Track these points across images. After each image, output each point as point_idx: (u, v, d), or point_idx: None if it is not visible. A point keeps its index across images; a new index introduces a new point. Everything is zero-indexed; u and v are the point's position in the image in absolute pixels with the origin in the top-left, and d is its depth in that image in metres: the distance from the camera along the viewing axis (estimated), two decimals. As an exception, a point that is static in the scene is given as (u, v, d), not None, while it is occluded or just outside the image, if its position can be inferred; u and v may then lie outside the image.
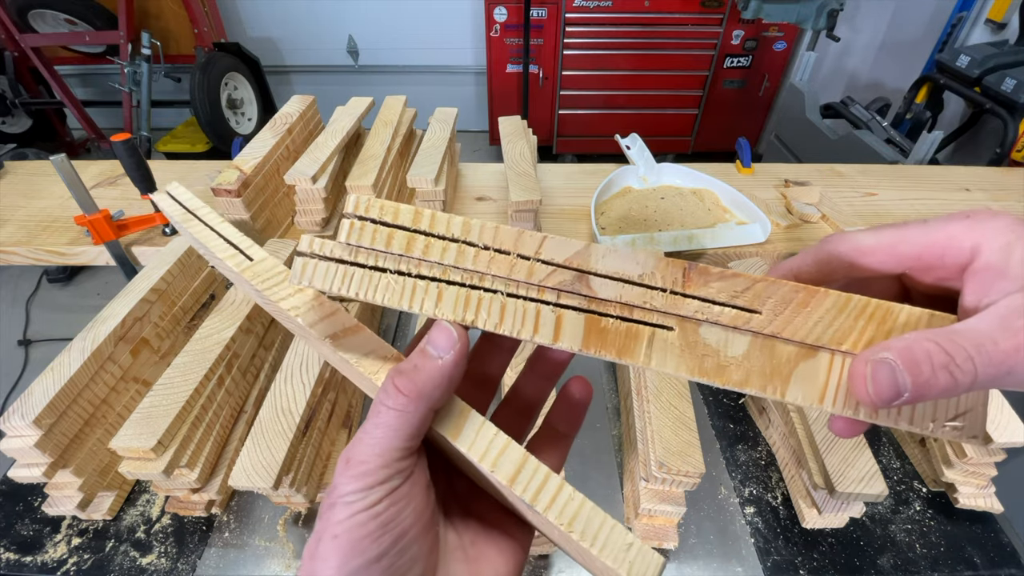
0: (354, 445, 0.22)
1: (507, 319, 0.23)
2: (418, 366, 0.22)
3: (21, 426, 0.50)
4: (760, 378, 0.23)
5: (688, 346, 0.23)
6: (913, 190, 1.11)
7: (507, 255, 0.23)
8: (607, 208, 1.03)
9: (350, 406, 0.69)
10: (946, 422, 0.22)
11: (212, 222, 0.28)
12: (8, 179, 1.13)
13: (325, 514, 0.22)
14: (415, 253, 0.23)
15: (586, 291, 0.23)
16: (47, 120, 2.87)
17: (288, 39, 3.23)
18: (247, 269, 0.26)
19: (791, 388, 0.23)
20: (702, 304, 0.23)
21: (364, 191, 0.82)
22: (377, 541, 0.21)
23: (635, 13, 2.60)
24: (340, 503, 0.21)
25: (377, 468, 0.22)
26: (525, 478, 0.22)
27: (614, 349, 0.23)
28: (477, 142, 3.38)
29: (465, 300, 0.23)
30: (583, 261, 0.23)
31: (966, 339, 0.19)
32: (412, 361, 0.22)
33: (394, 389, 0.22)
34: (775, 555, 0.57)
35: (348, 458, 0.22)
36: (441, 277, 0.23)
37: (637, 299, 0.23)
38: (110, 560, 0.57)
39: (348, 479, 0.22)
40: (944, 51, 1.84)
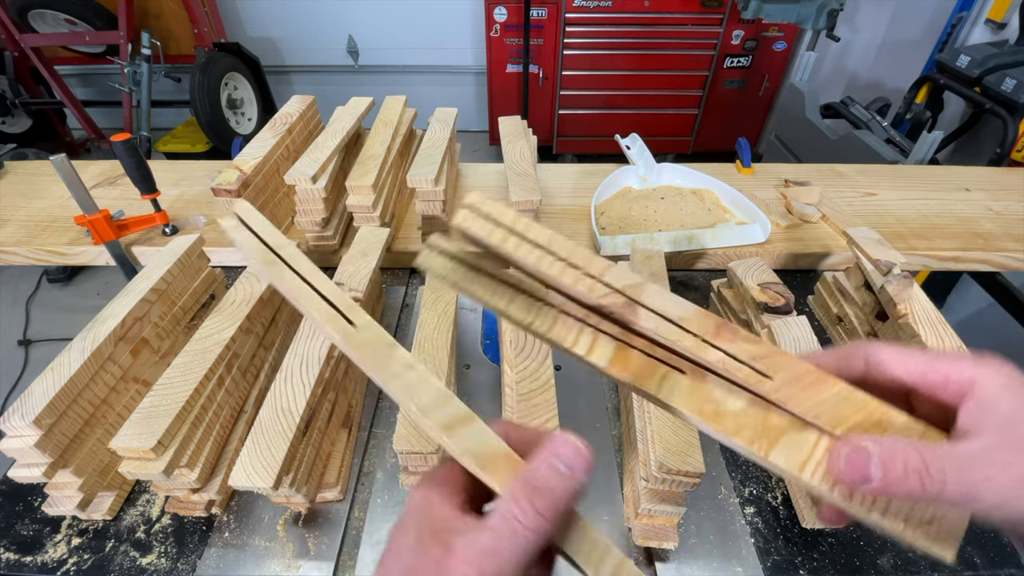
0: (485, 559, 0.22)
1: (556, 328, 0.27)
2: (553, 487, 0.23)
3: (21, 426, 0.50)
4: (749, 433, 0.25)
5: (694, 389, 0.26)
6: (913, 190, 1.11)
7: (576, 269, 0.26)
8: (607, 208, 1.03)
9: (350, 406, 0.69)
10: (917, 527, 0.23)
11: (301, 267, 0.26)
12: (8, 179, 1.13)
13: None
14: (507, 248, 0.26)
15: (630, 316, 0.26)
16: (47, 120, 2.87)
17: (288, 39, 3.23)
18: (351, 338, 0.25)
19: (775, 451, 0.25)
20: (724, 356, 0.26)
21: (364, 191, 0.82)
22: None
23: (635, 13, 2.60)
24: None
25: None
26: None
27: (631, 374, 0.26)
28: (477, 142, 3.38)
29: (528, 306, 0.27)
30: (636, 292, 0.26)
31: (945, 457, 0.22)
32: (545, 479, 0.23)
33: (533, 512, 0.22)
34: (775, 555, 0.57)
35: (481, 570, 0.22)
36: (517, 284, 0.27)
37: (670, 336, 0.26)
38: (110, 560, 0.57)
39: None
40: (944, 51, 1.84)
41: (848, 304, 0.78)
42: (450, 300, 0.66)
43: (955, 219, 1.02)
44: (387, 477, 0.64)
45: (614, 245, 0.90)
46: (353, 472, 0.64)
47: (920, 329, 0.62)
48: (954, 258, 0.95)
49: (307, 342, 0.58)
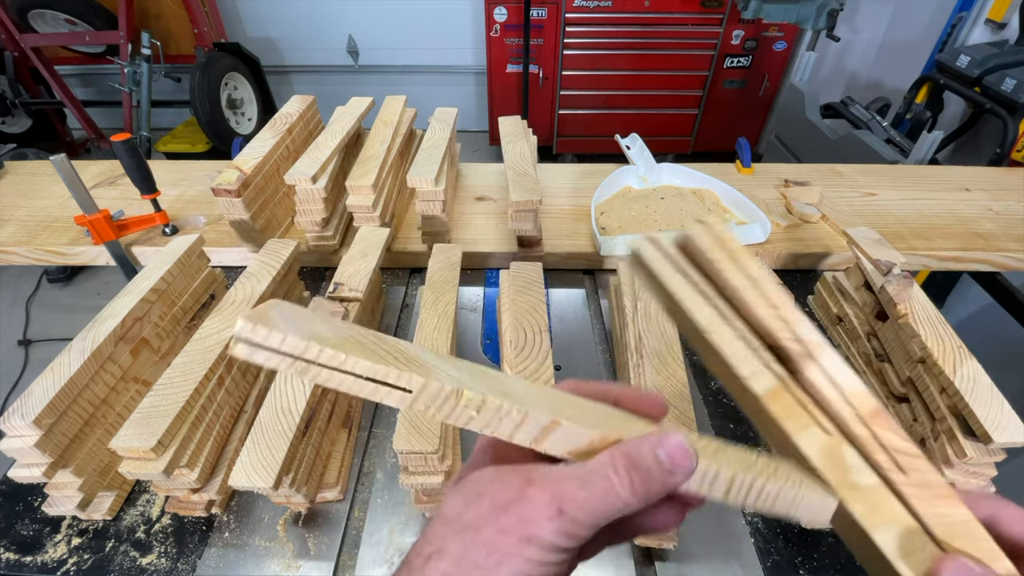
0: (570, 500, 0.22)
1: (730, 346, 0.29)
2: (653, 473, 0.23)
3: (21, 426, 0.50)
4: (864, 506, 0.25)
5: (831, 450, 0.27)
6: (913, 190, 1.11)
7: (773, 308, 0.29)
8: (607, 208, 1.03)
9: (350, 406, 0.69)
10: None
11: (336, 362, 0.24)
12: (8, 179, 1.13)
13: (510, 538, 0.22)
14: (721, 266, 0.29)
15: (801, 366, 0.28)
16: (47, 120, 2.87)
17: (288, 39, 3.23)
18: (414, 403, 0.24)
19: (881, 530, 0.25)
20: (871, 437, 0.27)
21: (364, 191, 0.82)
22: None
23: (635, 13, 2.60)
24: (538, 544, 0.22)
25: (582, 535, 0.22)
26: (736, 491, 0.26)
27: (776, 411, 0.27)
28: (477, 142, 3.38)
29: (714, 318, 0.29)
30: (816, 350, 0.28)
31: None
32: (646, 462, 0.23)
33: (629, 483, 0.23)
34: (775, 555, 0.57)
35: (561, 509, 0.22)
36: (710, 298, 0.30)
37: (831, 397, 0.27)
38: (110, 560, 0.57)
39: (556, 530, 0.22)
40: (944, 51, 1.84)
41: (848, 304, 0.78)
42: (450, 300, 0.66)
43: (955, 219, 1.02)
44: (387, 477, 0.64)
45: (614, 245, 0.90)
46: (353, 472, 0.64)
47: (920, 329, 0.62)
48: (954, 258, 0.95)
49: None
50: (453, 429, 0.62)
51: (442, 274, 0.70)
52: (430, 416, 0.25)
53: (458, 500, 0.24)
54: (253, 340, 0.23)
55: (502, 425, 0.25)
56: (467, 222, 1.01)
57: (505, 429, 0.25)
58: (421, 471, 0.53)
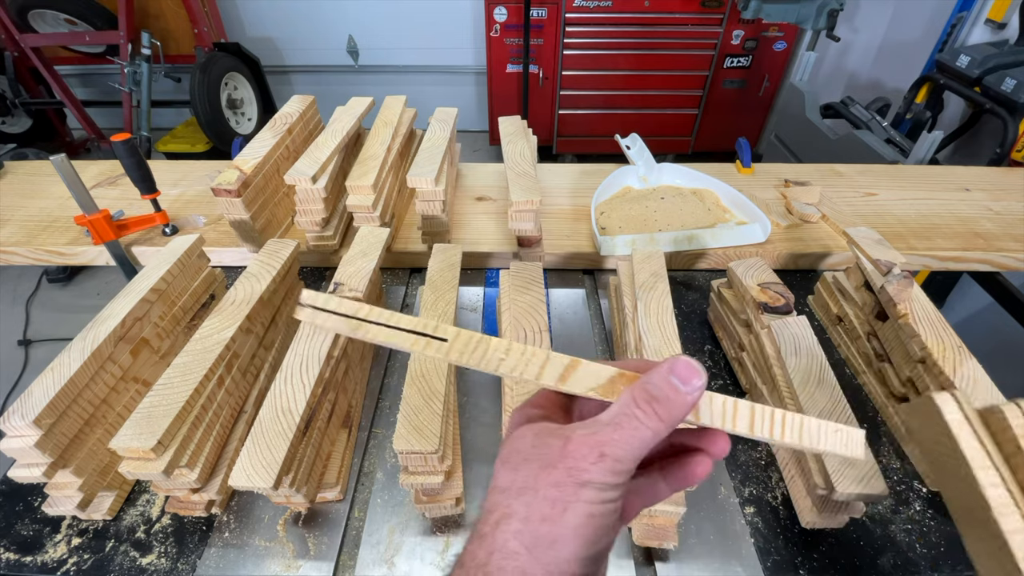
0: (607, 443, 0.25)
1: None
2: (671, 397, 0.25)
3: (21, 426, 0.50)
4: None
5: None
6: (913, 190, 1.11)
7: None
8: (607, 208, 1.03)
9: (350, 406, 0.69)
10: None
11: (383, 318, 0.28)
12: (8, 179, 1.13)
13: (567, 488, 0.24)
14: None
15: None
16: (47, 120, 2.87)
17: (288, 39, 3.23)
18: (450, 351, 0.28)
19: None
20: None
21: (364, 191, 0.82)
22: (610, 532, 0.25)
23: (635, 13, 2.60)
24: (592, 487, 0.24)
25: (628, 471, 0.25)
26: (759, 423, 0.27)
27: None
28: (477, 142, 3.38)
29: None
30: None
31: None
32: (662, 390, 0.26)
33: (653, 414, 0.25)
34: (775, 555, 0.57)
35: (603, 453, 0.24)
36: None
37: None
38: (110, 560, 0.57)
39: (604, 470, 0.24)
40: (944, 51, 1.84)
41: (848, 304, 0.78)
42: (450, 300, 0.66)
43: (955, 219, 1.02)
44: (387, 477, 0.64)
45: (614, 245, 0.90)
46: (353, 472, 0.64)
47: (920, 329, 0.62)
48: (954, 258, 0.95)
49: (307, 342, 0.58)
50: (453, 429, 0.62)
51: (442, 274, 0.70)
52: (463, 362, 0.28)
53: (507, 470, 0.26)
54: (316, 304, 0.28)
55: (529, 367, 0.28)
56: (467, 222, 1.01)
57: (532, 370, 0.28)
58: (421, 471, 0.53)
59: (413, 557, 0.57)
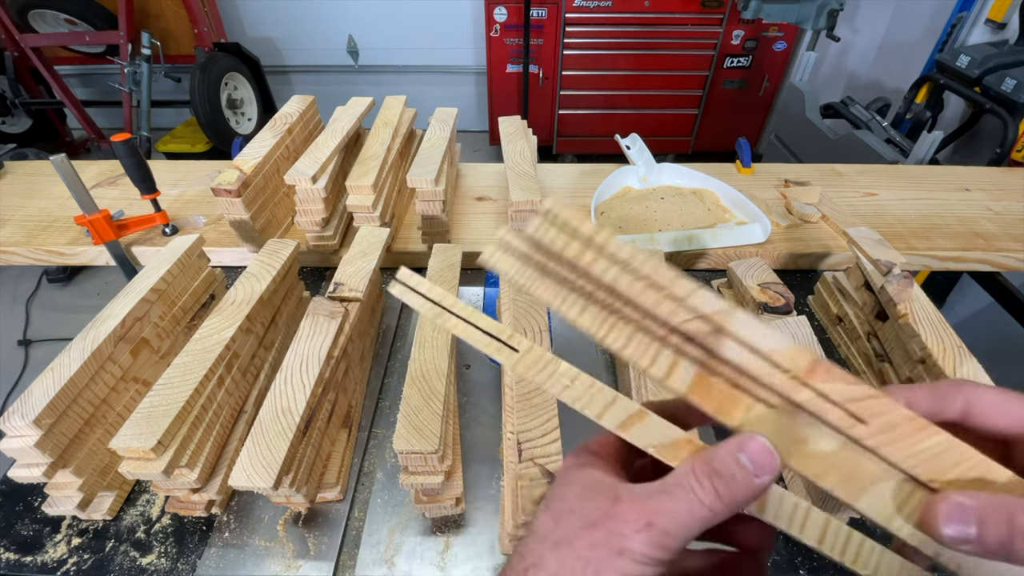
0: (657, 512, 0.23)
1: (631, 345, 0.25)
2: (736, 477, 0.23)
3: (21, 426, 0.50)
4: (837, 477, 0.24)
5: (781, 426, 0.24)
6: (913, 190, 1.11)
7: (659, 291, 0.25)
8: (607, 208, 1.03)
9: (350, 406, 0.69)
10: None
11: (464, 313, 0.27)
12: (8, 179, 1.13)
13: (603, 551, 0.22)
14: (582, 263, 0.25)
15: (714, 346, 0.24)
16: (47, 120, 2.87)
17: (288, 39, 3.23)
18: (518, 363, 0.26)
19: (864, 498, 0.24)
20: (816, 397, 0.24)
21: (364, 191, 0.82)
22: None
23: (635, 13, 2.60)
24: (630, 558, 0.22)
25: (674, 548, 0.22)
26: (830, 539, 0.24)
27: (713, 405, 0.25)
28: (477, 142, 3.38)
29: (603, 319, 0.25)
30: (724, 319, 0.24)
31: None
32: (728, 467, 0.23)
33: (713, 491, 0.23)
34: (775, 555, 0.57)
35: (650, 522, 0.22)
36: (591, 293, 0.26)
37: (758, 370, 0.24)
38: (110, 560, 0.57)
39: (646, 542, 0.22)
40: (944, 51, 1.84)
41: (848, 304, 0.78)
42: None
43: (955, 219, 1.02)
44: (387, 477, 0.64)
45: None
46: (353, 472, 0.64)
47: (920, 329, 0.62)
48: (954, 258, 0.95)
49: (307, 342, 0.58)
50: (453, 429, 0.62)
51: (442, 274, 0.70)
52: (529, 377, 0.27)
53: (548, 517, 0.25)
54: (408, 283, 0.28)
55: (593, 402, 0.26)
56: (467, 222, 1.01)
57: (595, 407, 0.26)
58: (421, 471, 0.53)
59: (413, 557, 0.57)
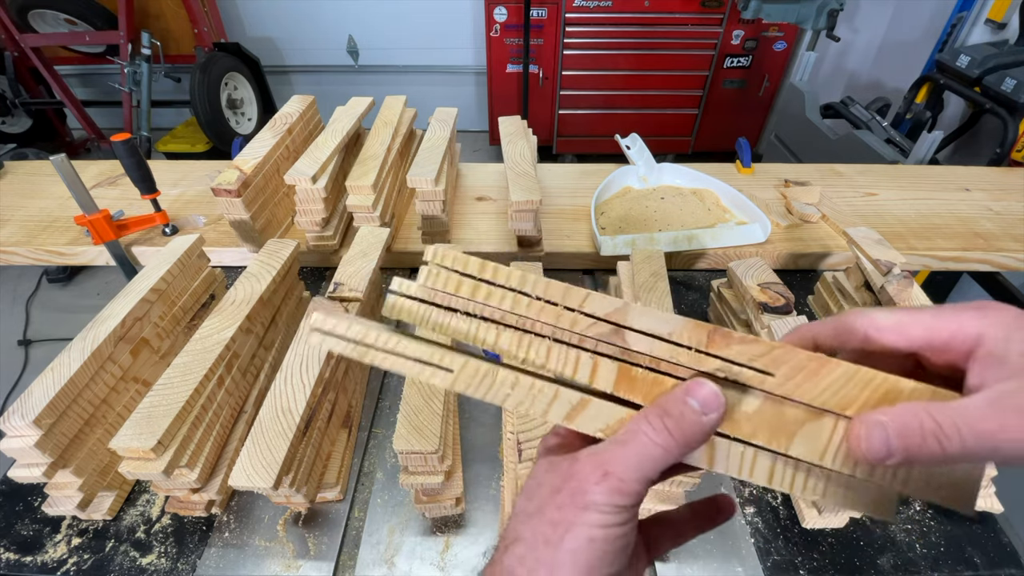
0: (611, 461, 0.24)
1: (552, 359, 0.26)
2: (684, 415, 0.24)
3: (21, 426, 0.50)
4: (767, 432, 0.25)
5: None
6: (913, 190, 1.11)
7: (555, 306, 0.27)
8: (607, 208, 1.03)
9: (350, 406, 0.69)
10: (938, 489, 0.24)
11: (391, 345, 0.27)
12: (8, 179, 1.13)
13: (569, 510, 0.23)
14: (478, 298, 0.27)
15: (621, 343, 0.26)
16: (47, 120, 2.87)
17: (288, 39, 3.23)
18: (455, 382, 0.27)
19: (795, 444, 0.25)
20: (723, 363, 0.26)
21: (364, 191, 0.82)
22: (619, 558, 0.24)
23: (635, 13, 2.60)
24: (594, 509, 0.23)
25: (633, 491, 0.23)
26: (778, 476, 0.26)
27: (641, 394, 0.26)
28: (477, 142, 3.38)
29: (519, 340, 0.27)
30: (621, 316, 0.26)
31: (957, 414, 0.21)
32: (676, 407, 0.24)
33: (664, 428, 0.24)
34: (775, 555, 0.57)
35: (606, 471, 0.23)
36: (501, 320, 0.27)
37: (665, 354, 0.26)
38: (110, 560, 0.57)
39: (606, 491, 0.23)
40: (944, 51, 1.84)
41: (848, 304, 0.78)
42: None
43: (955, 219, 1.02)
44: (387, 477, 0.64)
45: (614, 245, 0.90)
46: (353, 472, 0.64)
47: (920, 329, 0.62)
48: (954, 258, 0.95)
49: (307, 342, 0.58)
50: (453, 429, 0.62)
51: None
52: (469, 394, 0.27)
53: (522, 498, 0.26)
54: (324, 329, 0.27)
55: (536, 403, 0.26)
56: (467, 222, 1.01)
57: (539, 406, 0.26)
58: (421, 471, 0.53)
59: (413, 557, 0.57)
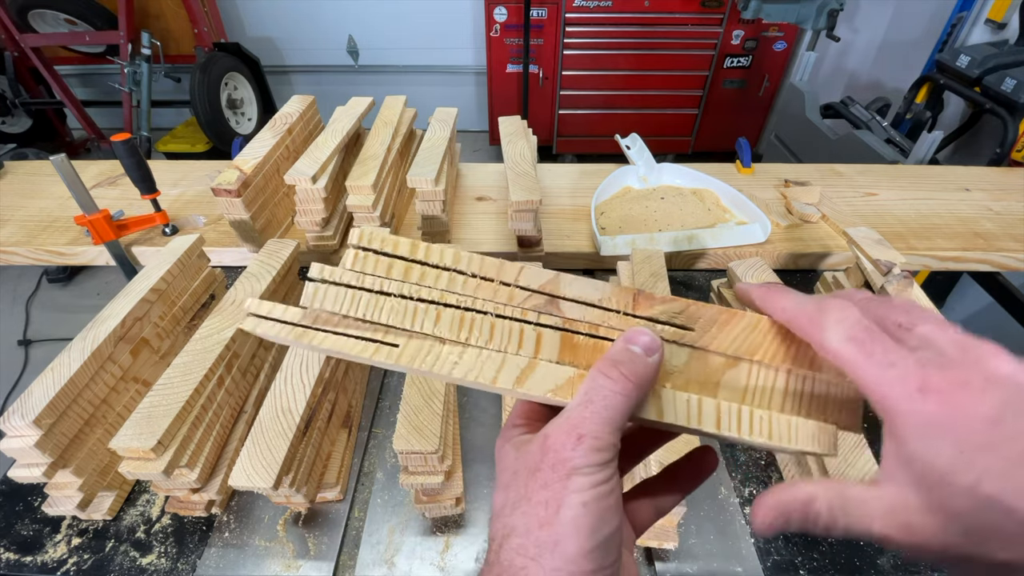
0: (582, 423, 0.24)
1: (496, 336, 0.26)
2: (634, 359, 0.25)
3: (21, 426, 0.50)
4: (697, 384, 0.27)
5: None
6: (913, 190, 1.11)
7: (491, 282, 0.27)
8: (607, 208, 1.03)
9: (350, 406, 0.69)
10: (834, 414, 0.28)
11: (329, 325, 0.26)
12: (8, 179, 1.13)
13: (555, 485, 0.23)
14: (412, 279, 0.26)
15: (556, 312, 0.27)
16: (47, 120, 2.87)
17: (288, 39, 3.23)
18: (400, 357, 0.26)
19: (721, 390, 0.27)
20: (648, 323, 0.28)
21: (364, 191, 0.82)
22: (615, 515, 0.24)
23: (635, 13, 2.60)
24: (578, 474, 0.23)
25: (609, 444, 0.24)
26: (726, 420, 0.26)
27: (584, 359, 0.27)
28: (477, 142, 3.38)
29: (460, 320, 0.26)
30: (554, 287, 0.27)
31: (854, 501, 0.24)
32: (624, 354, 0.25)
33: (620, 375, 0.25)
34: (775, 555, 0.57)
35: (580, 434, 0.23)
36: (439, 300, 0.26)
37: (597, 319, 0.27)
38: (110, 560, 0.57)
39: (585, 452, 0.23)
40: (944, 51, 1.84)
41: (848, 304, 0.78)
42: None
43: (955, 219, 1.02)
44: (387, 477, 0.64)
45: (614, 245, 0.90)
46: (353, 472, 0.64)
47: (920, 329, 0.62)
48: (954, 258, 0.95)
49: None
50: (453, 429, 0.62)
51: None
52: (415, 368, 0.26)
53: (500, 492, 0.26)
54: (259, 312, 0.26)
55: (484, 371, 0.26)
56: (467, 222, 1.01)
57: (488, 374, 0.26)
58: (421, 471, 0.53)
59: (413, 557, 0.57)
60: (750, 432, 0.26)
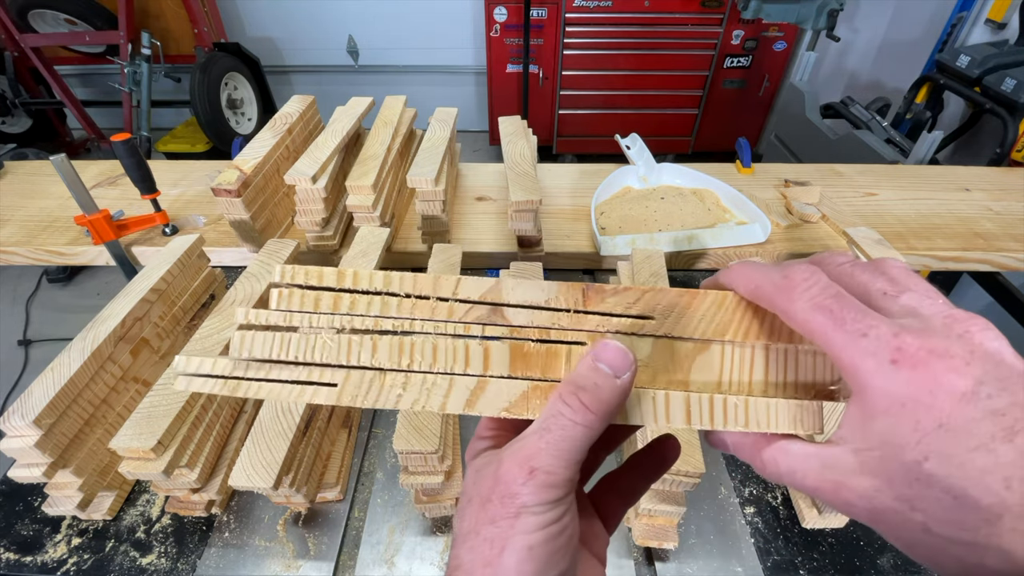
0: (536, 455, 0.22)
1: (440, 358, 0.25)
2: (599, 384, 0.23)
3: (21, 426, 0.50)
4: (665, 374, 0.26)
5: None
6: (913, 190, 1.11)
7: (427, 300, 0.25)
8: (607, 208, 1.03)
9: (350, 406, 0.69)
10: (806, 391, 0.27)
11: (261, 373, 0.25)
12: (8, 179, 1.13)
13: (502, 522, 0.22)
14: (342, 310, 0.25)
15: (502, 321, 0.25)
16: (47, 120, 2.87)
17: (288, 39, 3.23)
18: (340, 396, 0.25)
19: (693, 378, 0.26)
20: (602, 318, 0.26)
21: (364, 191, 0.82)
22: (565, 556, 0.22)
23: (635, 13, 2.60)
24: (527, 513, 0.21)
25: (564, 480, 0.22)
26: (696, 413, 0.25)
27: (538, 369, 0.25)
28: (477, 142, 3.38)
29: (399, 346, 0.25)
30: (495, 295, 0.25)
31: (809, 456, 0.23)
32: (589, 378, 0.23)
33: (581, 406, 0.23)
34: (775, 555, 0.57)
35: (531, 468, 0.22)
36: (373, 328, 0.25)
37: (547, 322, 0.25)
38: (110, 560, 0.57)
39: (535, 488, 0.22)
40: (944, 51, 1.84)
41: (848, 304, 0.78)
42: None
43: (955, 219, 1.02)
44: (387, 477, 0.64)
45: (614, 245, 0.90)
46: (353, 472, 0.64)
47: (920, 329, 0.62)
48: (954, 258, 0.95)
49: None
50: (453, 429, 0.62)
51: (442, 274, 0.70)
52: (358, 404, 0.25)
53: (458, 518, 0.25)
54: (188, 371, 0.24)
55: (432, 398, 0.25)
56: (467, 222, 1.01)
57: (436, 401, 0.25)
58: (421, 471, 0.53)
59: (413, 557, 0.57)
60: (724, 422, 0.24)
